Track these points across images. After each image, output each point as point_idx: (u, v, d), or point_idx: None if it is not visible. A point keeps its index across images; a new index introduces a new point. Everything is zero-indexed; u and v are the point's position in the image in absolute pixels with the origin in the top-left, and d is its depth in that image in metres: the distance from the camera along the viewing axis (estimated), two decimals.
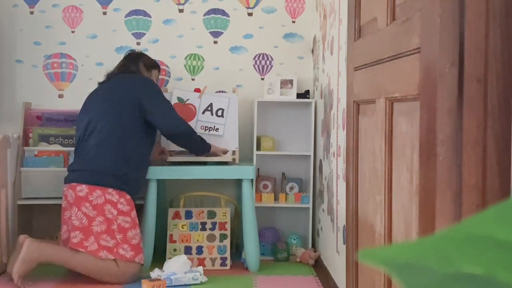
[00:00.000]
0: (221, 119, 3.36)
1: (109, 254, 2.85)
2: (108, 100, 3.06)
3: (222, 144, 3.32)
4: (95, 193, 2.91)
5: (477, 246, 0.33)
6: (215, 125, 3.35)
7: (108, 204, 2.91)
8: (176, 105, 3.29)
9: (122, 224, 2.92)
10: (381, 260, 0.34)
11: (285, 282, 2.99)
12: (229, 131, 3.37)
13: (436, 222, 1.16)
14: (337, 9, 2.80)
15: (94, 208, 2.89)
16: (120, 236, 2.89)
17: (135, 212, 3.01)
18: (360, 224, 1.86)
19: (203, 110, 3.37)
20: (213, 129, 3.35)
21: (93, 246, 2.84)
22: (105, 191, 2.92)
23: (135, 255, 2.90)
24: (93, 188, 2.91)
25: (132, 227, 2.95)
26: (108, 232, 2.88)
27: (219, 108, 3.37)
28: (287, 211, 3.73)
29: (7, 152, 3.20)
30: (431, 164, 1.18)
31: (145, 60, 3.33)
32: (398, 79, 1.45)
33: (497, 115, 1.11)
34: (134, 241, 2.93)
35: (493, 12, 1.11)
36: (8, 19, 3.69)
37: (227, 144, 3.34)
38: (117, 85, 3.13)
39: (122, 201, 2.96)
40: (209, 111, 3.37)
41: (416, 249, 0.34)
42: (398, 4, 1.50)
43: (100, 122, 3.01)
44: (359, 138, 1.90)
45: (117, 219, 2.91)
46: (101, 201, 2.91)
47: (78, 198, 2.90)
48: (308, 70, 3.77)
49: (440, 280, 0.32)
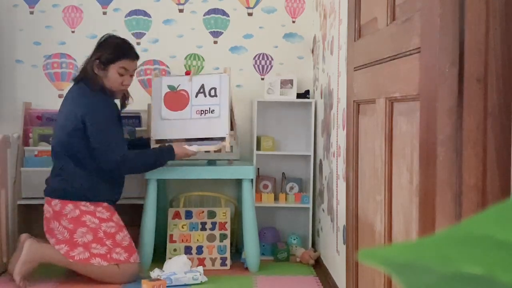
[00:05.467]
0: (215, 99, 3.10)
1: (102, 261, 2.82)
2: (61, 116, 2.96)
3: (217, 127, 3.06)
4: (68, 207, 2.86)
5: (477, 246, 0.33)
6: (210, 107, 3.10)
7: (87, 214, 2.86)
8: (168, 94, 3.16)
9: (108, 229, 2.88)
10: (381, 260, 0.34)
11: (285, 282, 2.99)
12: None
13: (436, 222, 1.16)
14: (337, 9, 2.80)
15: (71, 222, 2.84)
16: (110, 241, 2.86)
17: (117, 215, 2.96)
18: (360, 224, 1.86)
19: (196, 93, 3.15)
20: (208, 111, 3.09)
21: (82, 255, 2.80)
22: (78, 204, 2.87)
23: (130, 256, 2.89)
24: (64, 202, 2.86)
25: (118, 230, 2.91)
26: (96, 241, 2.84)
27: (212, 88, 3.12)
28: (287, 211, 3.73)
29: (7, 152, 3.20)
30: (431, 164, 1.18)
31: (101, 56, 2.94)
32: (398, 79, 1.45)
33: (497, 115, 1.11)
34: (124, 243, 2.90)
35: (493, 12, 1.11)
36: (8, 19, 3.69)
37: (220, 128, 3.07)
38: (68, 103, 2.97)
39: (99, 209, 2.90)
40: (202, 93, 3.13)
41: (416, 249, 0.34)
42: (398, 4, 1.50)
43: (56, 138, 2.95)
44: (359, 138, 1.90)
45: (100, 226, 2.87)
46: (77, 214, 2.85)
47: (55, 212, 2.87)
48: (308, 70, 3.77)
49: (440, 280, 0.32)
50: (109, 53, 2.94)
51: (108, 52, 2.94)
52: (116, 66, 2.95)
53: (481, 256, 0.32)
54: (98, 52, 2.97)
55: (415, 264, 0.33)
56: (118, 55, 2.96)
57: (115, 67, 2.95)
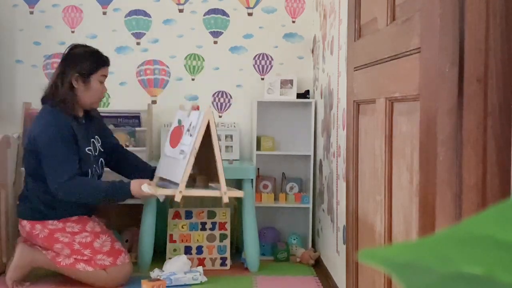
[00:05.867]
0: (190, 138, 2.74)
1: (88, 266, 2.78)
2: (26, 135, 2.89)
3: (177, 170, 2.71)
4: (36, 227, 2.79)
5: (477, 246, 0.33)
6: (183, 147, 2.76)
7: (57, 232, 2.78)
8: (175, 129, 2.92)
9: (83, 240, 2.80)
10: (381, 260, 0.34)
11: (285, 282, 2.99)
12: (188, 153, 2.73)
13: (436, 222, 1.16)
14: (337, 9, 2.80)
15: (44, 241, 2.79)
16: (88, 250, 2.79)
17: (91, 223, 2.85)
18: (360, 224, 1.86)
19: (186, 130, 2.83)
20: (183, 152, 2.75)
21: (67, 260, 2.78)
22: (46, 224, 2.79)
23: (115, 259, 2.81)
24: (33, 224, 2.80)
25: (95, 238, 2.81)
26: (74, 253, 2.78)
27: (192, 125, 2.77)
28: (287, 211, 3.73)
29: (7, 152, 3.20)
30: (431, 164, 1.18)
31: (81, 68, 2.80)
32: (398, 79, 1.45)
33: (497, 115, 1.11)
34: (105, 248, 2.81)
35: (493, 12, 1.11)
36: (8, 19, 3.69)
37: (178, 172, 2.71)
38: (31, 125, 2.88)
39: (68, 224, 2.81)
40: (188, 131, 2.81)
41: (416, 249, 0.34)
42: (398, 4, 1.50)
43: (24, 157, 2.91)
44: (359, 138, 1.90)
45: (74, 239, 2.79)
46: (46, 234, 2.78)
47: (27, 233, 2.83)
48: (308, 70, 3.77)
49: (440, 280, 0.32)
50: (89, 64, 2.81)
51: (88, 63, 2.81)
52: (97, 75, 2.84)
53: (481, 256, 0.32)
54: (72, 65, 2.80)
55: (415, 264, 0.33)
56: (98, 64, 2.84)
57: (96, 76, 2.83)
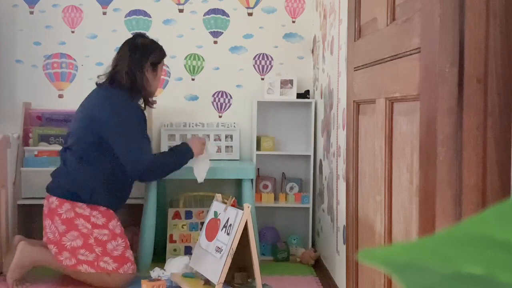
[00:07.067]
0: (227, 237, 2.59)
1: (90, 268, 2.76)
2: (83, 119, 2.88)
3: (214, 269, 2.58)
4: (64, 206, 2.80)
5: (477, 246, 0.33)
6: (221, 245, 2.61)
7: (80, 218, 2.79)
8: (211, 221, 2.77)
9: (100, 237, 2.80)
10: (381, 260, 0.34)
11: (285, 282, 2.99)
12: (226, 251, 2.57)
13: (436, 222, 1.16)
14: (337, 9, 2.80)
15: (64, 223, 2.78)
16: (99, 249, 2.78)
17: (114, 222, 2.86)
18: (360, 224, 1.86)
19: (222, 226, 2.68)
20: (220, 250, 2.60)
21: (68, 261, 2.75)
22: (75, 205, 2.80)
23: (119, 266, 2.80)
24: (62, 201, 2.81)
25: (111, 238, 2.82)
26: (85, 246, 2.77)
27: (229, 224, 2.63)
28: (287, 211, 3.73)
29: (7, 152, 3.20)
30: (431, 164, 1.18)
31: (152, 58, 2.97)
32: (398, 79, 1.45)
33: (497, 115, 1.11)
34: (116, 252, 2.81)
35: (493, 12, 1.11)
36: (8, 19, 3.69)
37: (215, 272, 2.56)
38: (92, 105, 2.89)
39: (95, 213, 2.82)
40: (225, 227, 2.65)
41: (416, 249, 0.34)
42: (398, 4, 1.50)
43: (73, 136, 2.89)
44: (359, 138, 1.90)
45: (92, 232, 2.79)
46: (71, 215, 2.79)
47: (51, 210, 2.82)
48: (308, 70, 3.77)
49: (440, 280, 0.32)
50: (158, 54, 3.01)
51: (157, 52, 3.01)
52: (162, 65, 3.07)
53: (481, 256, 0.32)
54: (141, 54, 2.93)
55: (415, 264, 0.33)
56: (163, 54, 3.06)
57: (161, 66, 3.06)
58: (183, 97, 3.75)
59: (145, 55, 2.95)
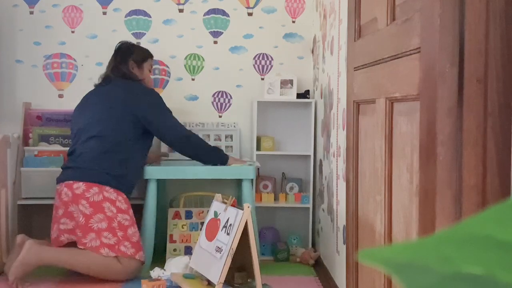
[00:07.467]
0: (227, 237, 2.59)
1: (111, 251, 2.85)
2: (107, 108, 3.08)
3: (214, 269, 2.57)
4: (92, 190, 2.92)
5: (477, 246, 0.33)
6: (221, 245, 2.60)
7: (107, 201, 2.93)
8: (211, 221, 2.77)
9: (122, 221, 2.94)
10: (381, 260, 0.34)
11: (285, 282, 2.99)
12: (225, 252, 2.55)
13: (436, 222, 1.16)
14: (337, 9, 2.80)
15: (91, 206, 2.89)
16: (121, 233, 2.91)
17: (132, 211, 3.03)
18: (360, 224, 1.86)
19: (222, 227, 2.67)
20: (219, 250, 2.59)
21: (94, 242, 2.84)
22: (103, 189, 2.94)
23: (136, 252, 2.92)
24: (90, 185, 2.92)
25: (131, 224, 2.97)
26: (109, 229, 2.89)
27: (230, 224, 2.62)
28: (287, 211, 3.73)
29: (7, 152, 3.20)
30: (431, 164, 1.18)
31: (134, 56, 3.29)
32: (398, 79, 1.45)
33: (497, 115, 1.11)
34: (134, 238, 2.95)
35: (493, 12, 1.11)
36: (8, 19, 3.69)
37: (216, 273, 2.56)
38: (116, 92, 3.13)
39: (120, 199, 2.98)
40: (225, 227, 2.65)
41: (416, 249, 0.34)
42: (398, 4, 1.50)
43: (98, 126, 3.04)
44: (359, 138, 1.90)
45: (116, 216, 2.93)
46: (99, 199, 2.92)
47: (75, 195, 2.90)
48: (308, 70, 3.77)
49: (440, 280, 0.32)
50: (138, 52, 3.32)
51: (137, 51, 3.32)
52: (148, 64, 3.36)
53: (481, 256, 0.32)
54: (122, 54, 3.27)
55: (415, 264, 0.33)
56: (145, 53, 3.36)
57: (148, 65, 3.36)
58: (183, 97, 3.75)
59: (127, 54, 3.28)
